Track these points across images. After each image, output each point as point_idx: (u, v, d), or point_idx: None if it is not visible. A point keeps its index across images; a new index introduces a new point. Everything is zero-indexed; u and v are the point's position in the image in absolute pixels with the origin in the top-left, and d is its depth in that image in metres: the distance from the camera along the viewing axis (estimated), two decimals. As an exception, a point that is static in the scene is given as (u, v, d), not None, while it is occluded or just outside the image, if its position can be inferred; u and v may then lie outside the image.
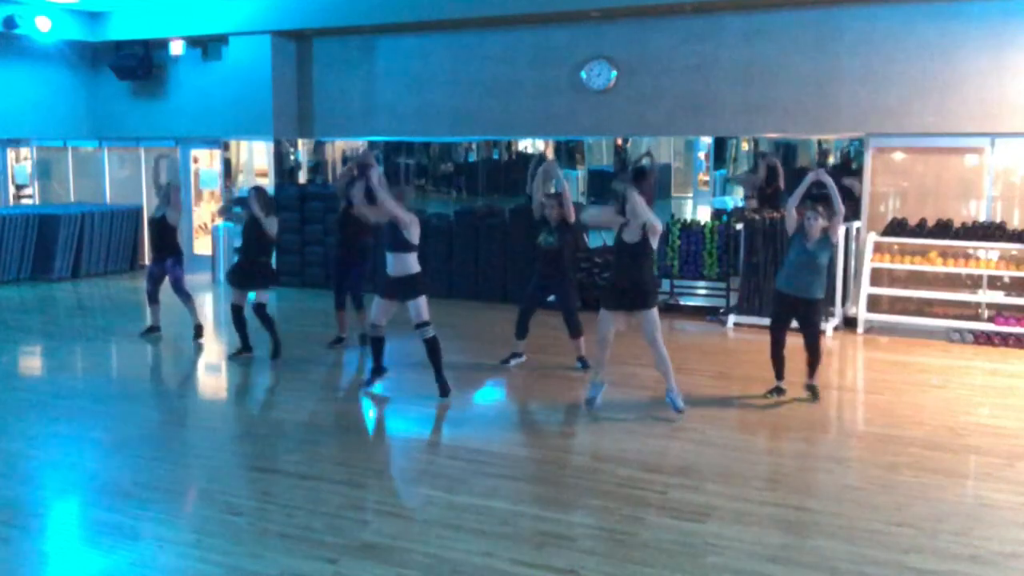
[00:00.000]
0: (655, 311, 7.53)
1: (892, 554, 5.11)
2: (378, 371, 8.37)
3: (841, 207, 8.02)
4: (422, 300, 7.97)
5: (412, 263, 7.95)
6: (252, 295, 9.56)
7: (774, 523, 5.54)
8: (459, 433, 7.45)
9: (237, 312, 9.49)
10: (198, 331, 10.47)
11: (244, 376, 9.24)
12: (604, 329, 7.66)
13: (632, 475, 6.30)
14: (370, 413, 8.10)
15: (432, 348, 8.04)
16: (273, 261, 9.86)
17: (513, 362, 9.27)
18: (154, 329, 10.64)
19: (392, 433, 7.66)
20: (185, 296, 10.49)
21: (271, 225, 9.40)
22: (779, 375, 8.21)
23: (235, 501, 5.84)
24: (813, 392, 8.11)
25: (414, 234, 7.91)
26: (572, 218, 8.85)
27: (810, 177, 8.08)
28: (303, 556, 5.05)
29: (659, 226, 7.39)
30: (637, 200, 7.25)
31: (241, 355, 9.55)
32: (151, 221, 10.46)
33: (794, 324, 8.17)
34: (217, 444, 7.21)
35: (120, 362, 10.10)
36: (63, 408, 7.92)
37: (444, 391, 8.07)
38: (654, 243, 7.48)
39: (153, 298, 10.58)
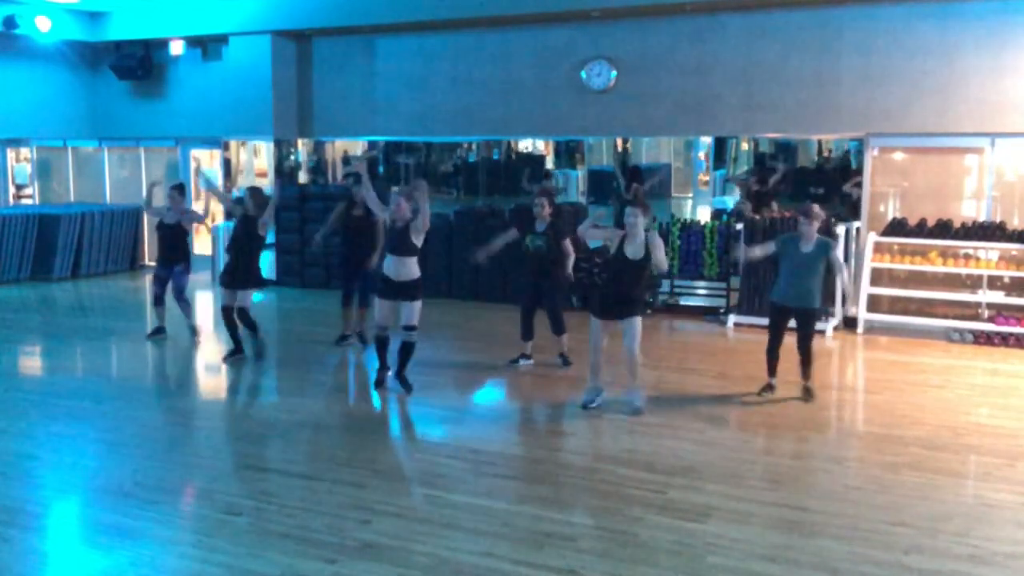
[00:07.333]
0: (639, 320, 7.66)
1: (892, 554, 5.11)
2: (384, 368, 8.46)
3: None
4: (418, 305, 8.20)
5: (415, 268, 8.17)
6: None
7: (774, 523, 5.54)
8: (459, 433, 7.44)
9: (227, 313, 9.41)
10: (194, 331, 10.52)
11: (244, 376, 9.23)
12: (595, 338, 7.82)
13: (632, 475, 6.30)
14: (370, 413, 8.11)
15: (409, 350, 8.29)
16: (263, 264, 9.80)
17: (522, 363, 9.29)
18: (160, 331, 10.56)
19: (392, 433, 7.66)
20: (185, 304, 10.53)
21: (265, 222, 9.37)
22: (771, 372, 8.23)
23: (235, 501, 5.84)
24: (808, 393, 8.10)
25: (421, 238, 8.15)
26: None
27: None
28: (303, 556, 5.05)
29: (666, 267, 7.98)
30: (658, 243, 7.62)
31: (233, 357, 9.47)
32: (161, 226, 10.40)
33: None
34: (217, 444, 7.22)
35: (120, 362, 10.10)
36: (63, 408, 7.92)
37: (407, 388, 8.26)
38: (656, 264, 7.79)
39: (159, 301, 10.55)
